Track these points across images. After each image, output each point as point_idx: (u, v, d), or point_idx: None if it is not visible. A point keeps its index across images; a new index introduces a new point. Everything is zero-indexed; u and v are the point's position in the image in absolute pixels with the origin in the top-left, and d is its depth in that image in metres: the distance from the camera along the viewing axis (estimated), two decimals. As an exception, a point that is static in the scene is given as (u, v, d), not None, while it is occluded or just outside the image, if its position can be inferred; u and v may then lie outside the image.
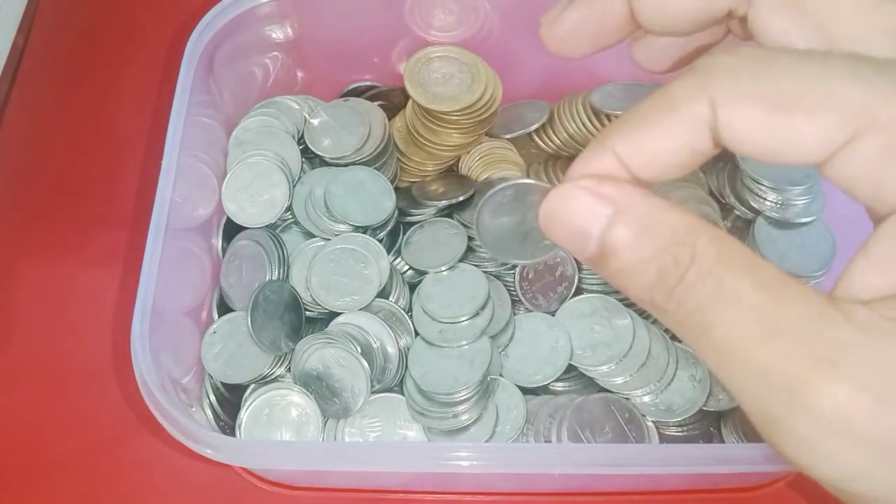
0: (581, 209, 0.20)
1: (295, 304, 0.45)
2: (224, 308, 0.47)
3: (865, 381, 0.17)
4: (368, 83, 0.55)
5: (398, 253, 0.48)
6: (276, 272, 0.46)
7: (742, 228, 0.48)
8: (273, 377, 0.45)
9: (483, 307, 0.44)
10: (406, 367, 0.44)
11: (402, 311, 0.46)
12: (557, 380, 0.44)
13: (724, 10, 0.23)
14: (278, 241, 0.47)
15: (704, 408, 0.43)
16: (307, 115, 0.51)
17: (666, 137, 0.21)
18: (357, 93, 0.55)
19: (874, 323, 0.18)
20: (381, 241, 0.47)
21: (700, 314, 0.19)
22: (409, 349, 0.45)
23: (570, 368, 0.44)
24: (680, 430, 0.44)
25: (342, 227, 0.47)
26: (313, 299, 0.46)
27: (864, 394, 0.17)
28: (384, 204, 0.48)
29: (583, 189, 0.21)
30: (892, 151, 0.18)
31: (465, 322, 0.44)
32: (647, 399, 0.43)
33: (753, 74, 0.19)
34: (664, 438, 0.43)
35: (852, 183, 0.19)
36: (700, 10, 0.23)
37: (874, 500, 0.18)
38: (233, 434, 0.42)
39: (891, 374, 0.17)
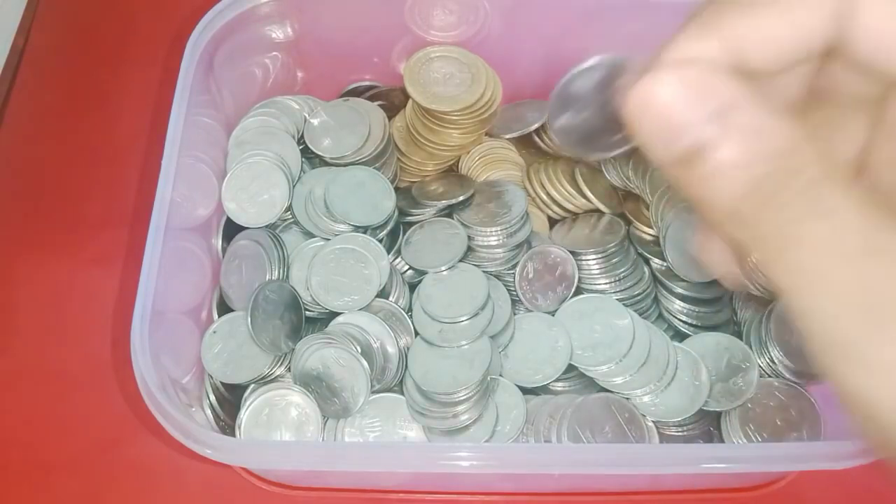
0: (681, 98, 0.18)
1: (295, 304, 0.45)
2: (224, 308, 0.47)
3: None
4: (368, 83, 0.55)
5: (398, 253, 0.48)
6: (276, 272, 0.46)
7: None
8: (273, 377, 0.45)
9: (483, 307, 0.44)
10: (406, 367, 0.44)
11: (402, 311, 0.46)
12: (557, 380, 0.44)
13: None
14: (278, 241, 0.47)
15: (704, 408, 0.43)
16: (307, 115, 0.51)
17: (788, 21, 0.19)
18: (357, 93, 0.55)
19: None
20: (381, 241, 0.47)
21: (787, 228, 0.17)
22: (409, 349, 0.45)
23: (570, 368, 0.44)
24: (680, 430, 0.44)
25: (342, 227, 0.47)
26: (313, 299, 0.46)
27: None
28: (384, 204, 0.48)
29: (687, 77, 0.18)
30: None
31: (465, 322, 0.44)
32: (646, 399, 0.43)
33: None
34: (664, 438, 0.43)
35: None
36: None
37: None
38: (233, 434, 0.42)
39: None
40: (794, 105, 0.22)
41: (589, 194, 0.49)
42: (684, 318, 0.46)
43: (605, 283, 0.47)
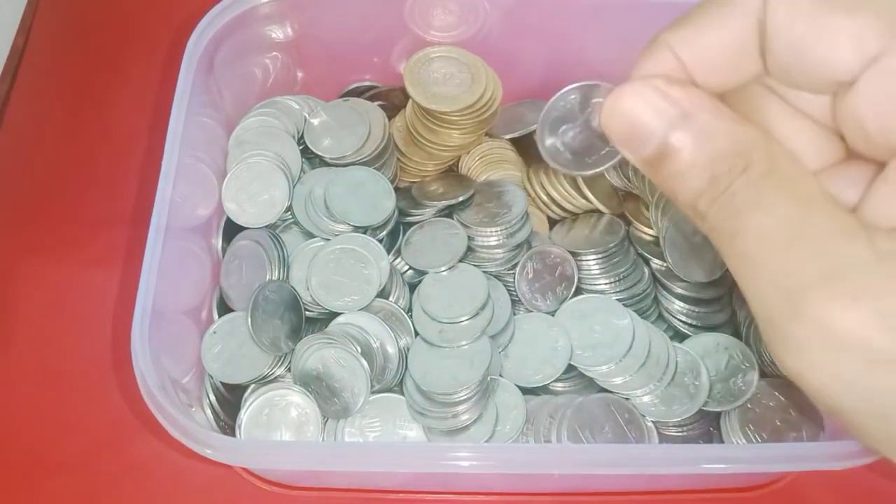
0: (647, 107, 0.21)
1: (295, 304, 0.45)
2: (224, 308, 0.47)
3: (867, 299, 0.17)
4: (368, 83, 0.55)
5: (398, 253, 0.48)
6: (276, 272, 0.46)
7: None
8: (273, 377, 0.45)
9: (483, 307, 0.44)
10: (406, 367, 0.44)
11: (402, 311, 0.46)
12: (557, 380, 0.44)
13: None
14: (278, 241, 0.47)
15: (704, 408, 0.43)
16: (307, 115, 0.51)
17: (717, 30, 0.21)
18: (357, 93, 0.55)
19: (890, 249, 0.18)
20: (381, 241, 0.47)
21: (733, 220, 0.19)
22: (408, 349, 0.45)
23: (570, 368, 0.44)
24: (680, 430, 0.44)
25: (342, 227, 0.47)
26: (313, 299, 0.46)
27: (862, 311, 0.17)
28: (384, 204, 0.48)
29: (651, 87, 0.21)
30: None
31: (465, 322, 0.44)
32: (646, 399, 0.43)
33: None
34: (664, 438, 0.43)
35: (871, 111, 0.19)
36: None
37: (851, 411, 0.19)
38: (233, 434, 0.42)
39: (892, 298, 0.17)
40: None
41: (589, 194, 0.49)
42: (684, 319, 0.46)
43: (605, 284, 0.47)
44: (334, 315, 0.46)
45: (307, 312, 0.46)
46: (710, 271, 0.46)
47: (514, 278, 0.47)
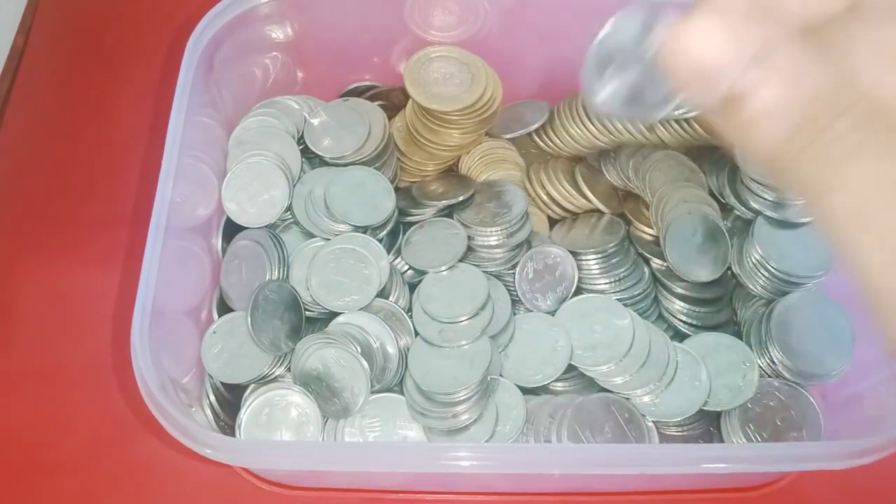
0: (720, 42, 0.17)
1: (295, 304, 0.45)
2: (224, 308, 0.47)
3: None
4: (368, 83, 0.55)
5: (398, 253, 0.48)
6: (276, 272, 0.46)
7: (742, 228, 0.48)
8: (273, 377, 0.45)
9: (483, 307, 0.44)
10: (406, 367, 0.44)
11: (402, 311, 0.46)
12: (557, 380, 0.44)
13: None
14: (278, 241, 0.47)
15: (704, 408, 0.43)
16: (307, 115, 0.51)
17: None
18: (357, 93, 0.55)
19: None
20: (381, 241, 0.47)
21: (828, 172, 0.17)
22: (409, 349, 0.45)
23: (570, 368, 0.44)
24: (680, 430, 0.44)
25: (342, 227, 0.47)
26: (313, 299, 0.46)
27: None
28: (384, 204, 0.48)
29: (724, 21, 0.17)
30: None
31: (465, 322, 0.44)
32: (646, 399, 0.43)
33: None
34: (664, 438, 0.43)
35: None
36: None
37: None
38: (233, 434, 0.42)
39: None
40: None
41: (589, 194, 0.49)
42: (684, 318, 0.46)
43: (605, 283, 0.47)
44: (334, 315, 0.46)
45: (307, 312, 0.46)
46: (710, 271, 0.46)
47: (515, 278, 0.47)
